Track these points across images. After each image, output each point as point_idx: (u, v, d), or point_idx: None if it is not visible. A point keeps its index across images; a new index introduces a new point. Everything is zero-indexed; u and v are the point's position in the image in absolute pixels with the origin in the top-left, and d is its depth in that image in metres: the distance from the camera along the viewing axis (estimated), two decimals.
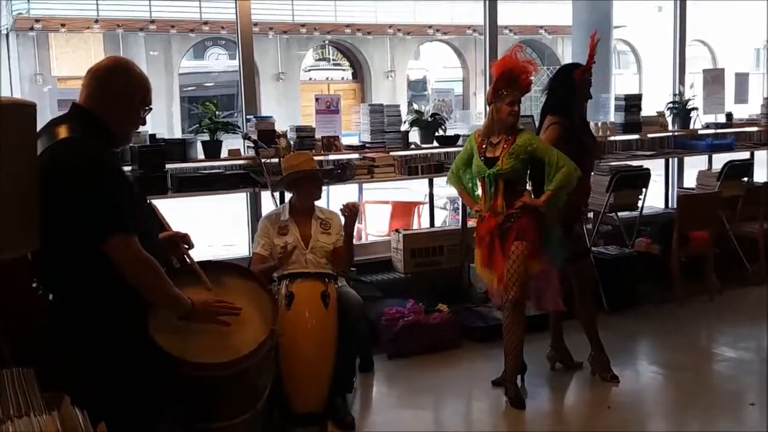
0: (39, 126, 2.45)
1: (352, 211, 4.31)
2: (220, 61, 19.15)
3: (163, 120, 16.58)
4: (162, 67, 17.90)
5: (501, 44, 6.60)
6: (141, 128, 2.90)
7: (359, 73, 20.88)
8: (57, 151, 2.46)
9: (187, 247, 3.03)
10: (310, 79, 20.42)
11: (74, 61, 16.41)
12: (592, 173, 4.83)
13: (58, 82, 16.32)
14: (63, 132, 2.50)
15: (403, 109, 5.99)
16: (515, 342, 4.20)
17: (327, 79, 20.77)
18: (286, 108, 17.06)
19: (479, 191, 4.38)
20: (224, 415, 2.84)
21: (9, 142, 2.21)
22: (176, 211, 4.62)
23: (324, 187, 4.66)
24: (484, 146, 4.22)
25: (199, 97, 18.98)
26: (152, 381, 2.64)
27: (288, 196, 4.60)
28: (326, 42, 20.57)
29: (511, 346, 4.21)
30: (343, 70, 21.27)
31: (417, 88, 21.92)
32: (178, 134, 17.25)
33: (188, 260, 2.98)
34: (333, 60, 21.21)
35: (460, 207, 6.26)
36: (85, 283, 2.48)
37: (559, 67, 4.79)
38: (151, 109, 2.73)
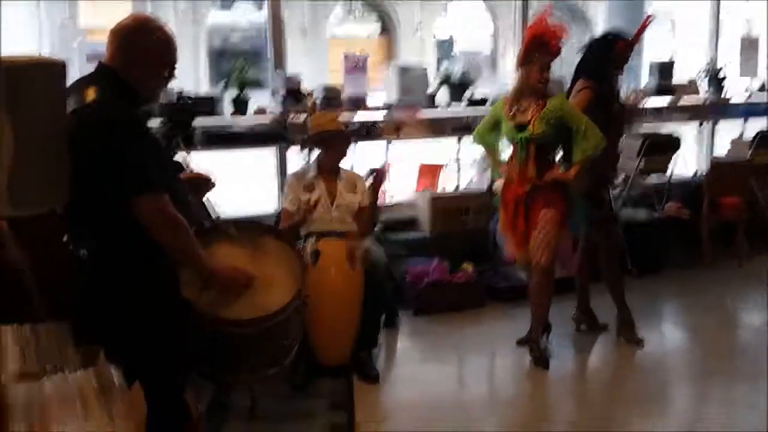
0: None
1: (378, 176, 4.32)
2: (247, 13, 19.01)
3: (190, 72, 16.54)
4: (189, 20, 17.81)
5: (533, 6, 6.50)
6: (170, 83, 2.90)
7: (387, 29, 20.65)
8: (86, 113, 2.47)
9: (210, 185, 3.07)
10: (336, 34, 20.23)
11: (102, 11, 16.36)
12: (621, 140, 4.76)
13: (86, 33, 16.31)
14: (91, 93, 2.51)
15: (431, 70, 5.92)
16: (543, 306, 4.23)
17: (353, 34, 20.55)
18: (313, 62, 16.94)
19: (505, 156, 4.36)
20: (250, 369, 2.90)
21: (39, 99, 2.22)
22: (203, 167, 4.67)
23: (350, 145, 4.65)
24: (512, 111, 4.18)
25: (227, 49, 18.92)
26: (182, 334, 2.69)
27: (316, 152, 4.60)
28: None
29: (539, 309, 4.24)
30: (370, 24, 21.02)
31: (444, 47, 21.64)
32: (204, 86, 17.24)
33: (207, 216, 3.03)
34: (360, 16, 20.96)
35: (488, 169, 6.22)
36: (117, 240, 2.50)
37: (602, 34, 4.69)
38: (175, 67, 2.72)
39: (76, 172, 2.37)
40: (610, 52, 4.36)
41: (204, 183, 3.06)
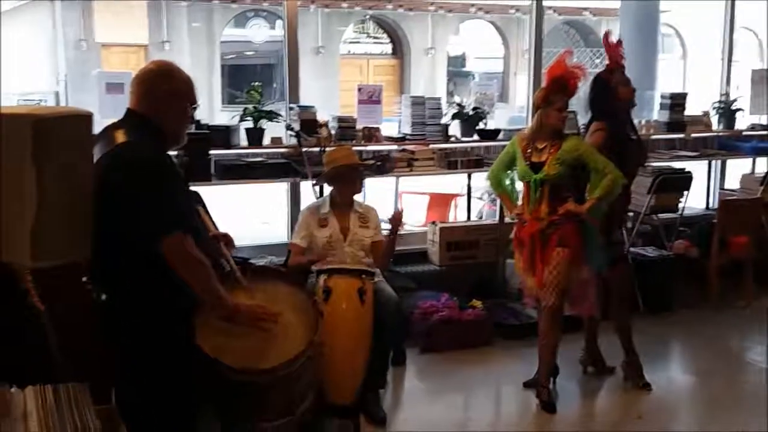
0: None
1: (397, 221, 4.37)
2: (261, 31, 19.14)
3: (204, 91, 16.68)
4: (203, 38, 17.97)
5: (545, 25, 6.56)
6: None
7: (399, 48, 20.76)
8: (117, 154, 2.54)
9: (227, 246, 3.11)
10: (349, 52, 20.36)
11: (118, 27, 16.52)
12: (635, 179, 4.77)
13: (102, 48, 16.46)
14: (121, 136, 2.59)
15: (442, 90, 5.99)
16: (550, 348, 4.23)
17: (366, 53, 20.67)
18: (324, 83, 17.04)
19: (520, 193, 4.39)
20: (262, 417, 2.92)
21: (65, 152, 2.27)
22: (217, 190, 4.74)
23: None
24: (529, 151, 4.21)
25: (240, 65, 19.05)
26: (195, 379, 2.73)
27: (328, 188, 4.64)
28: (367, 17, 20.45)
29: (546, 351, 4.24)
30: (383, 43, 21.14)
31: (456, 64, 21.75)
32: (217, 104, 17.37)
33: (226, 261, 3.06)
34: (373, 35, 21.09)
35: (498, 200, 6.25)
36: (137, 284, 2.56)
37: (593, 77, 4.73)
38: (197, 106, 2.81)
39: (106, 212, 2.43)
40: (604, 85, 4.37)
41: (223, 241, 3.10)
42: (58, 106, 2.54)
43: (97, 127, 2.61)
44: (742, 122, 7.05)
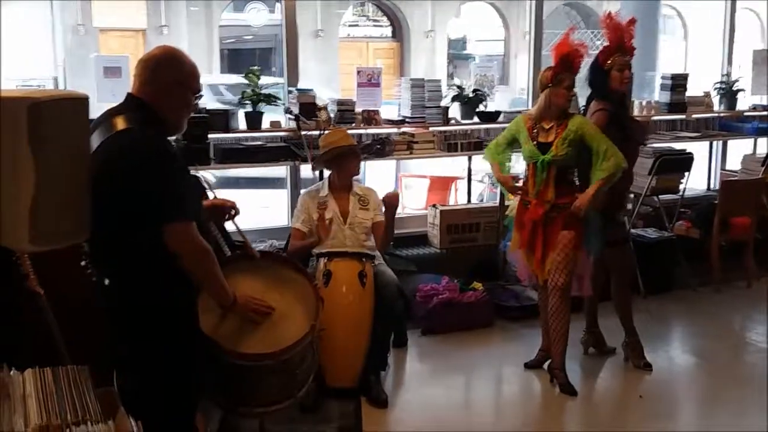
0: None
1: (392, 203, 4.35)
2: (260, 15, 19.04)
3: (203, 75, 16.57)
4: (202, 22, 17.86)
5: (545, 6, 6.50)
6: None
7: (399, 31, 20.63)
8: (117, 142, 2.52)
9: (234, 213, 3.10)
10: (348, 35, 20.25)
11: (116, 12, 16.43)
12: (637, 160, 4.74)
13: (100, 33, 16.38)
14: (121, 122, 2.56)
15: (443, 74, 5.95)
16: (563, 328, 4.21)
17: (365, 36, 20.56)
18: (324, 66, 16.96)
19: (523, 173, 4.36)
20: (263, 402, 2.93)
21: (62, 136, 2.24)
22: (216, 174, 4.72)
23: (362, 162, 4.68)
24: (534, 131, 4.17)
25: (239, 50, 18.96)
26: (196, 363, 2.73)
27: (327, 171, 4.63)
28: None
29: (559, 332, 4.22)
30: (382, 26, 21.02)
31: (457, 47, 21.63)
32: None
33: (235, 226, 3.06)
34: (372, 18, 20.97)
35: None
36: (141, 270, 2.55)
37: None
38: (201, 96, 2.78)
39: (107, 199, 2.42)
40: (602, 72, 4.32)
41: (227, 211, 3.09)
42: (55, 90, 2.50)
43: (94, 111, 2.59)
44: (743, 103, 7.03)
